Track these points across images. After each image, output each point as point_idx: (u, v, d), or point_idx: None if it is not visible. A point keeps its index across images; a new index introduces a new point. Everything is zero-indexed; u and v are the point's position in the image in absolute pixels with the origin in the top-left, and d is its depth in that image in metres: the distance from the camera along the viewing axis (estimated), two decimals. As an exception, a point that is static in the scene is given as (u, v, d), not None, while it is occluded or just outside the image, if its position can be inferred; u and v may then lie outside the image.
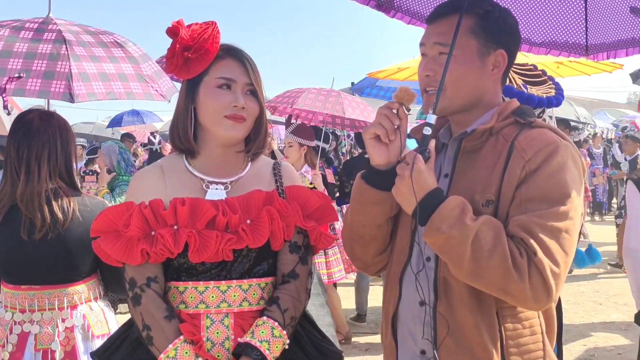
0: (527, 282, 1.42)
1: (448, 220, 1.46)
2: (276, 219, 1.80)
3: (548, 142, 1.54)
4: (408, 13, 2.07)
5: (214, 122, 1.79)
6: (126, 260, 1.76)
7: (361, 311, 6.28)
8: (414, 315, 1.66)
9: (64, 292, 2.43)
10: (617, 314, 6.58)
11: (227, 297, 1.80)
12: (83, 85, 2.81)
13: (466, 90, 1.64)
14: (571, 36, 2.10)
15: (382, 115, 1.60)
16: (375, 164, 1.63)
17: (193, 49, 1.77)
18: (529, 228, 1.45)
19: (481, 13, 1.65)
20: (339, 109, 5.77)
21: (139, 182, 1.86)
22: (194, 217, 1.75)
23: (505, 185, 1.53)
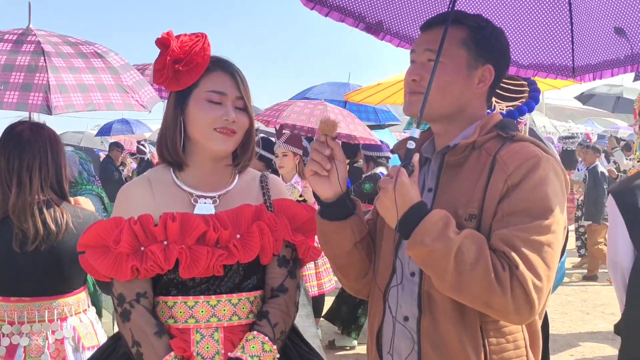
0: (510, 295, 1.43)
1: (431, 233, 1.47)
2: (267, 233, 1.81)
3: (529, 155, 1.56)
4: (397, 36, 2.08)
5: (204, 135, 1.80)
6: (115, 276, 1.75)
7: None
8: (399, 330, 1.67)
9: (54, 304, 2.43)
10: (604, 323, 6.62)
11: (217, 311, 1.80)
12: (61, 97, 2.80)
13: (449, 98, 1.66)
14: (558, 58, 2.13)
15: (313, 151, 1.66)
16: (324, 197, 1.69)
17: (184, 62, 1.77)
18: (511, 242, 1.47)
19: (475, 26, 1.69)
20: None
21: (127, 196, 1.85)
22: (184, 233, 1.76)
23: (488, 199, 1.55)
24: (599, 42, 2.05)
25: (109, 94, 3.04)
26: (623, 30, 1.95)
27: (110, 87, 3.06)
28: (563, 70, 2.13)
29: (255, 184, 1.95)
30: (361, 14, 1.99)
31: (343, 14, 1.97)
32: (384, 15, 2.03)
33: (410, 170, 1.57)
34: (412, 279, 1.67)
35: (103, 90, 3.03)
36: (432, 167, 1.73)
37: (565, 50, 2.10)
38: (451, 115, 1.70)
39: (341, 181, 1.68)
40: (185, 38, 1.80)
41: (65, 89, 2.83)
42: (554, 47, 2.10)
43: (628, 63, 2.01)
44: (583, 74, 2.12)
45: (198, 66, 1.78)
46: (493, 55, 1.69)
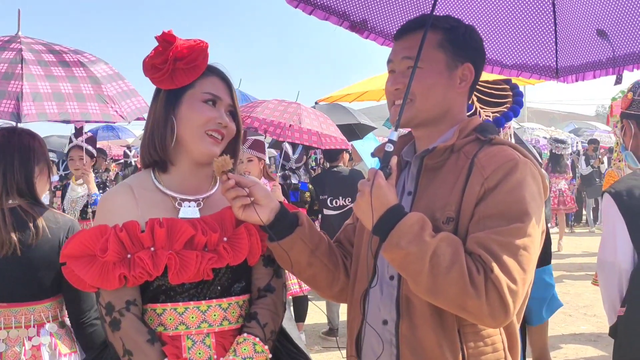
0: (484, 299, 1.43)
1: (407, 236, 1.47)
2: (254, 234, 1.80)
3: (507, 159, 1.56)
4: (382, 34, 2.08)
5: (195, 136, 1.79)
6: (102, 286, 1.71)
7: (333, 325, 6.28)
8: (378, 334, 1.66)
9: (31, 310, 2.40)
10: (587, 325, 6.66)
11: (208, 317, 1.78)
12: (33, 105, 2.78)
13: (434, 101, 1.67)
14: (542, 59, 2.13)
15: (224, 192, 1.73)
16: (265, 221, 1.73)
17: (186, 60, 1.77)
18: (486, 245, 1.46)
19: (448, 27, 1.70)
20: (295, 119, 5.76)
21: (109, 203, 1.81)
22: (171, 238, 1.73)
23: (465, 202, 1.55)
24: (582, 44, 2.06)
25: (86, 104, 3.04)
26: (605, 33, 1.96)
27: (88, 97, 3.06)
28: (546, 70, 2.14)
29: None
30: (345, 13, 1.99)
31: (327, 12, 1.96)
32: (368, 13, 2.03)
33: (388, 173, 1.57)
34: (391, 282, 1.66)
35: (80, 99, 3.03)
36: (412, 171, 1.73)
37: (549, 51, 2.10)
38: (436, 119, 1.70)
39: (268, 199, 1.74)
40: (185, 41, 1.80)
41: (39, 97, 2.82)
42: (538, 48, 2.11)
43: (610, 66, 2.02)
44: (566, 75, 2.13)
45: (197, 68, 1.79)
46: (469, 53, 1.71)
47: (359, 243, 1.80)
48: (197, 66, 1.78)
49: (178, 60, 1.77)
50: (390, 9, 2.03)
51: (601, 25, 1.95)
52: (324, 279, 1.82)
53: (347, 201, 6.14)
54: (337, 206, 6.15)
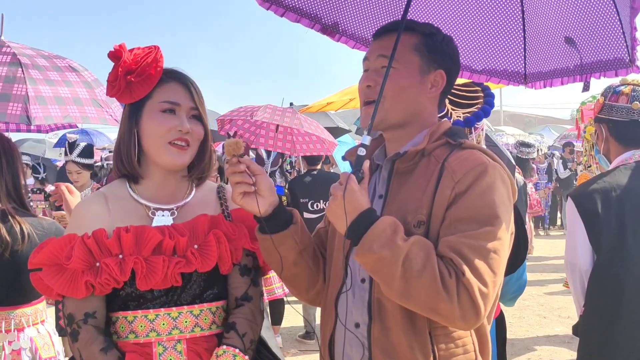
0: (456, 302, 1.44)
1: (379, 240, 1.48)
2: (223, 242, 1.79)
3: (477, 163, 1.58)
4: (353, 37, 2.09)
5: (158, 147, 1.77)
6: (71, 294, 1.71)
7: (309, 329, 6.29)
8: (350, 337, 1.68)
9: (12, 314, 2.39)
10: (561, 327, 6.74)
11: (179, 323, 1.77)
12: (40, 108, 2.81)
13: (404, 103, 1.68)
14: (510, 65, 2.17)
15: (231, 174, 1.68)
16: (262, 212, 1.69)
17: (136, 73, 1.75)
18: (458, 248, 1.48)
19: (427, 33, 1.72)
20: (297, 123, 5.86)
21: (81, 212, 1.81)
22: (139, 245, 1.72)
23: (436, 206, 1.56)
24: (550, 51, 2.09)
25: (84, 108, 3.07)
26: (573, 40, 2.00)
27: (85, 101, 3.10)
28: (515, 76, 2.17)
29: (213, 195, 1.94)
30: (317, 15, 2.00)
31: (299, 14, 1.97)
32: (339, 16, 2.04)
33: (360, 177, 1.58)
34: (363, 285, 1.67)
35: (79, 103, 3.06)
36: (382, 174, 1.74)
37: (518, 57, 2.14)
38: (405, 122, 1.71)
39: (270, 191, 1.70)
40: (138, 51, 1.78)
41: (43, 100, 2.85)
42: (507, 54, 2.14)
43: (577, 73, 2.06)
44: (534, 81, 2.16)
45: (150, 77, 1.76)
46: (444, 61, 1.73)
47: (331, 247, 1.81)
48: (150, 76, 1.76)
49: (129, 74, 1.75)
50: (362, 13, 2.05)
51: (569, 33, 1.98)
52: (305, 280, 1.82)
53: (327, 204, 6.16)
54: (317, 209, 6.17)
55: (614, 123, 2.46)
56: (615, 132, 2.48)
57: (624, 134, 2.45)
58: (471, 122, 2.87)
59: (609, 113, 2.48)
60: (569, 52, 2.01)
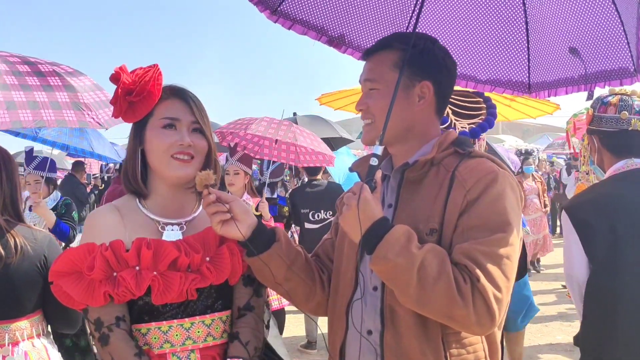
0: (472, 307, 1.46)
1: (394, 248, 1.50)
2: (236, 254, 1.81)
3: (487, 171, 1.60)
4: (359, 49, 2.11)
5: (161, 162, 1.79)
6: (89, 303, 1.72)
7: (311, 338, 6.27)
8: (362, 344, 1.69)
9: (6, 328, 2.35)
10: (562, 335, 6.73)
11: (192, 334, 1.79)
12: (7, 113, 2.81)
13: (392, 121, 1.69)
14: (514, 75, 2.18)
15: (205, 206, 1.73)
16: (244, 237, 1.73)
17: (135, 93, 1.77)
18: (472, 255, 1.50)
19: (404, 48, 1.72)
20: (291, 137, 5.84)
21: (97, 222, 1.81)
22: (156, 259, 1.74)
23: (448, 214, 1.58)
24: (554, 61, 2.10)
25: (62, 111, 3.07)
26: (577, 51, 2.01)
27: (64, 105, 3.09)
28: (519, 86, 2.18)
29: None
30: (323, 28, 2.03)
31: (306, 27, 2.00)
32: (345, 29, 2.06)
33: (373, 187, 1.59)
34: (375, 293, 1.69)
35: (56, 107, 3.05)
36: (391, 184, 1.76)
37: (522, 67, 2.15)
38: (400, 136, 1.74)
39: (246, 214, 1.74)
40: (139, 71, 1.81)
41: (13, 105, 2.85)
42: (511, 64, 2.15)
43: (582, 82, 2.07)
44: (538, 91, 2.17)
45: (150, 95, 1.78)
46: (429, 71, 1.73)
47: (340, 257, 1.82)
48: (150, 94, 1.78)
49: (129, 95, 1.78)
50: (367, 25, 2.07)
51: (573, 43, 2.00)
52: (301, 293, 1.83)
53: (328, 214, 6.16)
54: (318, 220, 6.16)
55: (605, 134, 2.47)
56: (606, 143, 2.49)
57: (615, 143, 2.46)
58: (477, 133, 2.90)
59: (598, 124, 2.49)
60: (573, 62, 2.03)
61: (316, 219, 6.18)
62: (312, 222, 6.17)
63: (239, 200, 1.77)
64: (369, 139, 1.73)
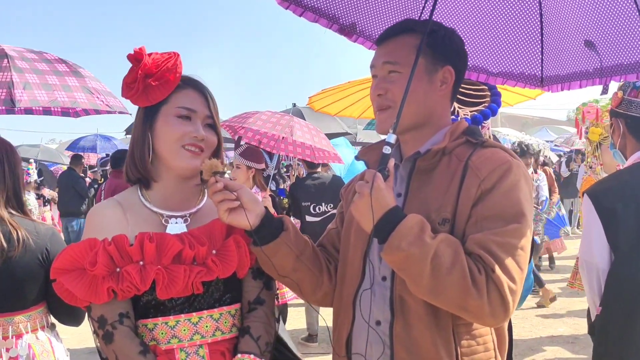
0: (486, 298, 1.45)
1: (407, 238, 1.48)
2: (243, 246, 1.79)
3: (501, 161, 1.59)
4: (370, 38, 2.09)
5: (172, 151, 1.77)
6: (92, 300, 1.69)
7: (312, 331, 6.28)
8: (370, 335, 1.67)
9: (9, 320, 2.36)
10: (564, 327, 6.74)
11: (199, 328, 1.76)
12: (25, 93, 2.88)
13: (415, 106, 1.68)
14: (527, 68, 2.15)
15: (212, 194, 1.69)
16: (252, 226, 1.69)
17: (155, 77, 1.75)
18: (486, 245, 1.49)
19: (427, 32, 1.70)
20: (287, 132, 5.81)
21: (99, 217, 1.79)
22: (160, 253, 1.71)
23: (461, 204, 1.57)
24: (568, 54, 2.07)
25: (73, 94, 3.13)
26: (593, 44, 1.98)
27: (74, 88, 3.16)
28: (532, 79, 2.16)
29: None
30: (335, 15, 2.00)
31: (317, 14, 1.97)
32: (357, 17, 2.03)
33: (386, 175, 1.57)
34: (384, 283, 1.67)
35: (67, 90, 3.12)
36: (401, 173, 1.74)
37: (535, 60, 2.12)
38: (419, 123, 1.71)
39: (255, 203, 1.71)
40: (157, 55, 1.78)
41: (29, 86, 2.92)
42: (524, 57, 2.12)
43: (597, 76, 2.04)
44: (551, 84, 2.15)
45: (169, 82, 1.76)
46: (449, 56, 1.72)
47: (346, 246, 1.80)
48: (168, 81, 1.76)
49: (148, 77, 1.75)
50: (379, 14, 2.04)
51: (589, 36, 1.97)
52: (308, 284, 1.81)
53: (329, 207, 6.16)
54: (319, 212, 6.15)
55: (633, 119, 2.43)
56: (633, 128, 2.45)
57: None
58: (479, 120, 2.87)
59: (627, 108, 2.44)
60: (588, 55, 2.00)
61: (317, 212, 6.17)
62: (314, 214, 6.16)
63: (247, 188, 1.74)
64: (389, 127, 1.67)
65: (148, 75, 1.75)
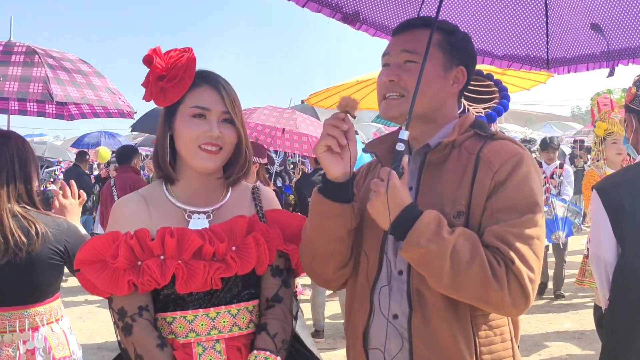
0: (507, 290, 1.47)
1: (425, 234, 1.48)
2: (262, 244, 1.79)
3: (513, 153, 1.60)
4: (373, 25, 2.09)
5: (189, 152, 1.77)
6: (113, 292, 1.72)
7: (318, 327, 6.26)
8: (388, 328, 1.66)
9: (26, 313, 2.38)
10: (570, 322, 6.72)
11: (217, 323, 1.77)
12: (59, 88, 2.99)
13: (428, 97, 1.67)
14: (532, 50, 2.15)
15: (329, 126, 1.60)
16: (333, 177, 1.62)
17: (167, 78, 1.75)
18: (504, 237, 1.50)
19: (447, 30, 1.73)
20: (292, 124, 5.81)
21: (122, 211, 1.80)
22: (180, 248, 1.73)
23: (475, 196, 1.57)
24: (575, 37, 2.08)
25: (99, 93, 3.24)
26: (599, 27, 1.98)
27: (99, 88, 3.25)
28: (537, 61, 2.16)
29: (247, 196, 1.94)
30: (338, 5, 2.00)
31: (320, 4, 1.98)
32: (360, 5, 2.04)
33: (401, 173, 1.57)
34: (400, 277, 1.66)
35: (93, 89, 3.21)
36: (410, 167, 1.73)
37: (540, 42, 2.13)
38: (427, 116, 1.71)
39: (352, 161, 1.63)
40: (172, 53, 1.78)
41: (62, 82, 3.04)
42: (529, 39, 2.13)
43: (603, 59, 2.06)
44: (557, 67, 2.16)
45: (182, 82, 1.76)
46: (464, 58, 1.74)
47: (359, 240, 1.77)
48: (182, 80, 1.76)
49: (161, 79, 1.75)
50: (382, 0, 2.04)
51: (596, 19, 1.97)
52: (338, 260, 1.75)
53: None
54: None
55: None
56: None
57: None
58: (493, 117, 2.88)
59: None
60: (595, 38, 2.00)
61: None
62: (320, 210, 6.13)
63: (355, 145, 1.65)
64: (397, 113, 1.67)
65: (159, 77, 1.76)
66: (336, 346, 5.96)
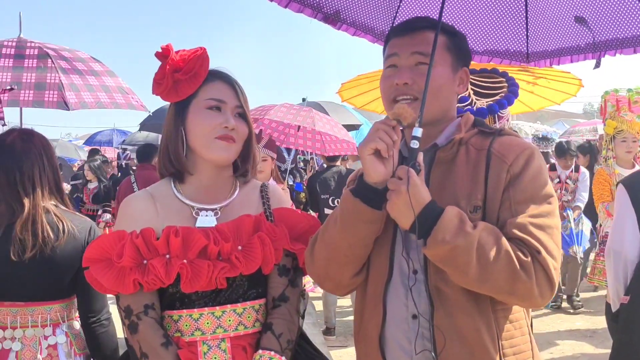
0: (534, 280, 1.49)
1: (450, 230, 1.49)
2: (268, 244, 1.79)
3: (524, 147, 1.64)
4: (353, 25, 2.11)
5: (205, 143, 1.79)
6: (119, 290, 1.74)
7: (330, 325, 6.28)
8: (406, 330, 1.65)
9: (48, 309, 2.38)
10: (582, 321, 6.67)
11: (223, 322, 1.79)
12: (74, 94, 2.96)
13: (441, 100, 1.70)
14: (512, 44, 2.16)
15: (381, 131, 1.55)
16: (373, 181, 1.58)
17: (183, 71, 1.78)
18: (526, 229, 1.53)
19: (451, 32, 1.76)
20: (309, 122, 5.83)
21: (129, 209, 1.83)
22: (185, 247, 1.75)
23: (491, 190, 1.59)
24: (556, 30, 2.08)
25: (112, 94, 3.22)
26: (584, 20, 1.99)
27: (112, 89, 3.23)
28: (517, 55, 2.19)
29: (256, 193, 1.94)
30: (319, 5, 2.02)
31: (302, 4, 2.00)
32: (340, 5, 2.06)
33: (418, 170, 1.56)
34: (416, 276, 1.65)
35: (107, 90, 3.20)
36: None
37: (519, 36, 2.13)
38: (437, 118, 1.71)
39: (393, 167, 1.58)
40: (185, 51, 1.82)
41: (76, 87, 3.00)
42: (508, 34, 2.15)
43: (589, 51, 2.06)
44: (538, 60, 2.16)
45: (197, 76, 1.79)
46: (466, 59, 1.78)
47: None
48: (196, 74, 1.79)
49: (176, 72, 1.78)
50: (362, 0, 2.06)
51: (580, 12, 1.98)
52: (356, 266, 1.72)
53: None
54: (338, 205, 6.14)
55: None
56: None
57: None
58: (494, 109, 2.87)
59: None
60: (579, 30, 2.02)
61: (336, 205, 6.15)
62: (332, 207, 6.16)
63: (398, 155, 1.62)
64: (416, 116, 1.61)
65: (176, 70, 1.78)
66: (347, 344, 5.95)
